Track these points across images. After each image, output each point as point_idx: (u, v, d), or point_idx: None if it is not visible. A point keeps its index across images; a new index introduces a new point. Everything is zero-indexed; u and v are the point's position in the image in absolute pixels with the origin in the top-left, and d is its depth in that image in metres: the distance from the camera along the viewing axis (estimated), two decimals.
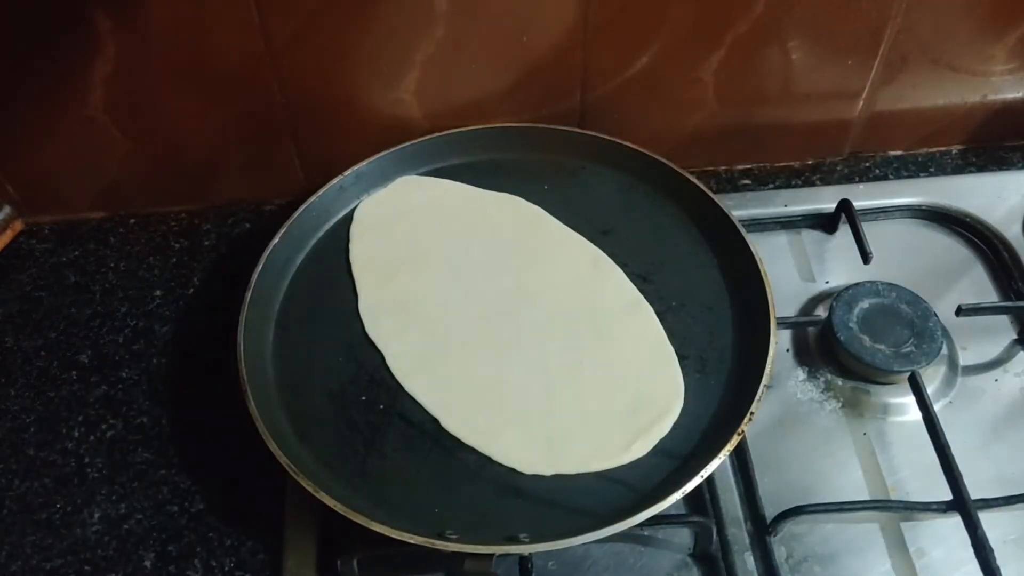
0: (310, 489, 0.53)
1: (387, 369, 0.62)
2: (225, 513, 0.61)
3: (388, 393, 0.61)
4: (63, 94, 0.68)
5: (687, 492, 0.52)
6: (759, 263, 0.64)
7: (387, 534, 0.50)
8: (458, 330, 0.64)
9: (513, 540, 0.51)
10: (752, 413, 0.56)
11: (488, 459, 0.58)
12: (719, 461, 0.53)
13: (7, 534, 0.60)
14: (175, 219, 0.79)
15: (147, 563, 0.59)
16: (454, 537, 0.51)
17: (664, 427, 0.58)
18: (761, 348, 0.60)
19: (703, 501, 0.59)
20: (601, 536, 0.50)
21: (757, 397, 0.57)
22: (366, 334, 0.64)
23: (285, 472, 0.54)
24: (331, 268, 0.69)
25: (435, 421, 0.59)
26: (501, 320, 0.64)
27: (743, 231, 0.66)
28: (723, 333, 0.64)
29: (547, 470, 0.57)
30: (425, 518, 0.54)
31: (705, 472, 0.53)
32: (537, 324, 0.64)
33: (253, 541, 0.59)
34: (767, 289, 0.63)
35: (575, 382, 0.61)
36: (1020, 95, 0.80)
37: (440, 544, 0.50)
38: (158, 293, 0.74)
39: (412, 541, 0.50)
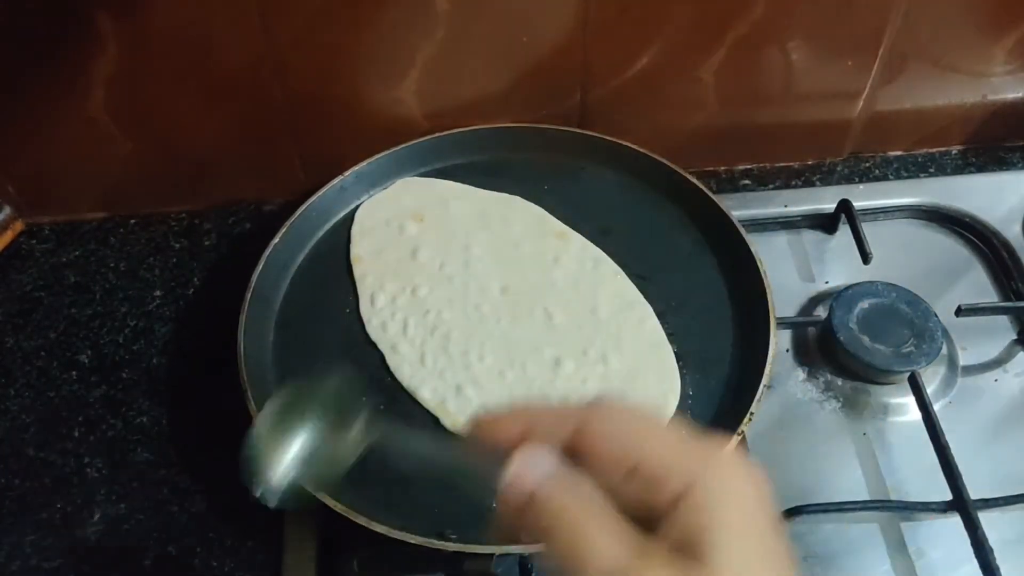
0: (309, 488, 0.53)
1: (387, 369, 0.62)
2: (225, 513, 0.61)
3: (387, 393, 0.61)
4: (64, 95, 0.68)
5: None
6: (759, 263, 0.64)
7: (387, 534, 0.51)
8: (458, 330, 0.64)
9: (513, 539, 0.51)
10: (752, 413, 0.56)
11: None
12: None
13: (7, 534, 0.60)
14: (175, 219, 0.79)
15: (147, 563, 0.59)
16: (454, 537, 0.51)
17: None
18: (761, 348, 0.60)
19: None
20: None
21: (757, 397, 0.57)
22: (366, 334, 0.64)
23: None
24: (331, 268, 0.69)
25: (435, 420, 0.59)
26: (501, 320, 0.64)
27: (743, 231, 0.66)
28: (723, 334, 0.64)
29: None
30: (425, 518, 0.54)
31: None
32: (536, 324, 0.64)
33: (253, 541, 0.59)
34: (767, 289, 0.63)
35: (573, 380, 0.61)
36: (1020, 95, 0.80)
37: (440, 544, 0.50)
38: (158, 293, 0.74)
39: (412, 541, 0.50)
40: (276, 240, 0.67)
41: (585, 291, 0.65)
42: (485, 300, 0.65)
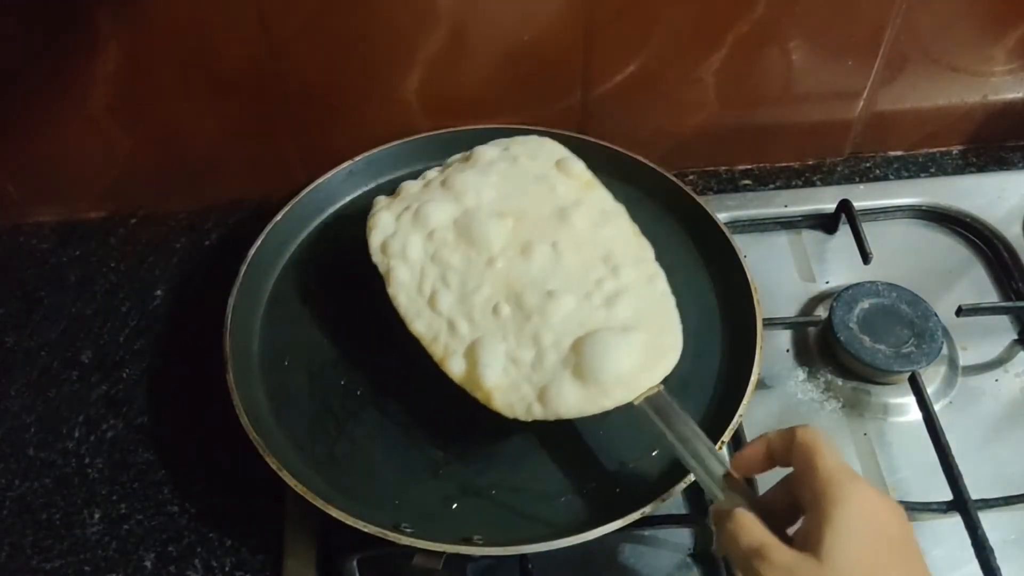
0: (274, 467, 0.53)
1: (385, 297, 0.59)
2: (225, 513, 0.61)
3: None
4: (65, 93, 0.68)
5: (632, 521, 0.51)
6: (753, 292, 0.62)
7: (343, 520, 0.50)
8: (459, 255, 0.58)
9: (467, 541, 0.51)
10: (724, 442, 0.54)
11: (454, 457, 0.57)
12: (676, 491, 0.52)
13: (7, 534, 0.60)
14: (176, 218, 0.79)
15: (147, 563, 0.59)
16: (408, 531, 0.51)
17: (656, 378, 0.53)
18: (744, 378, 0.58)
19: (703, 501, 0.59)
20: (554, 547, 0.50)
21: (730, 427, 0.55)
22: (368, 260, 0.61)
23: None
24: (331, 250, 0.69)
25: (408, 413, 0.59)
26: (507, 250, 0.59)
27: (744, 261, 0.64)
28: (709, 359, 0.62)
29: None
30: (384, 509, 0.54)
31: (663, 498, 0.52)
32: (543, 259, 0.58)
33: (253, 541, 0.59)
34: (757, 323, 0.60)
35: (570, 322, 0.55)
36: (1020, 95, 0.81)
37: (393, 536, 0.50)
38: (159, 292, 0.74)
39: (365, 530, 0.50)
40: (278, 217, 0.67)
41: (601, 239, 0.60)
42: (493, 227, 0.59)
